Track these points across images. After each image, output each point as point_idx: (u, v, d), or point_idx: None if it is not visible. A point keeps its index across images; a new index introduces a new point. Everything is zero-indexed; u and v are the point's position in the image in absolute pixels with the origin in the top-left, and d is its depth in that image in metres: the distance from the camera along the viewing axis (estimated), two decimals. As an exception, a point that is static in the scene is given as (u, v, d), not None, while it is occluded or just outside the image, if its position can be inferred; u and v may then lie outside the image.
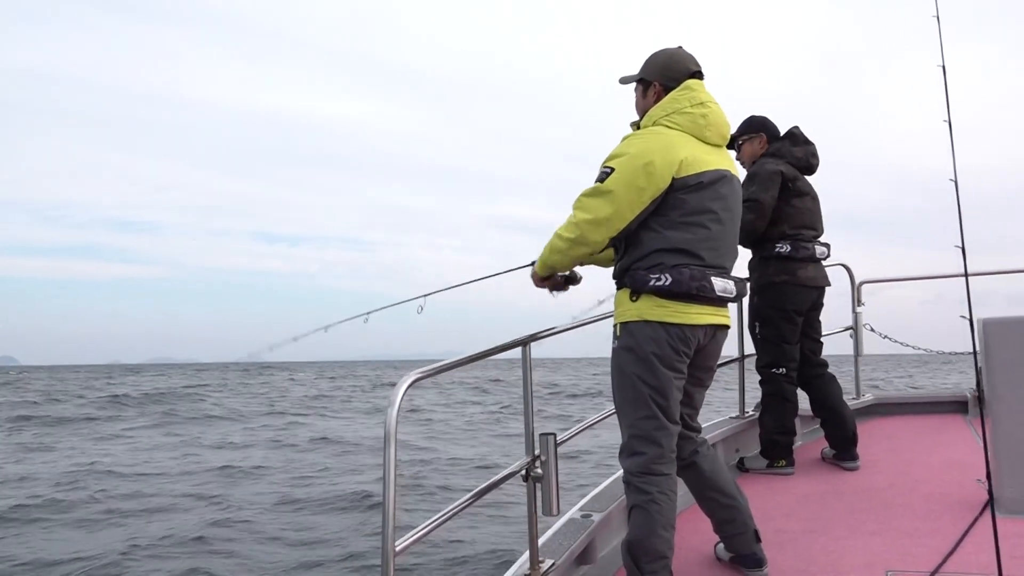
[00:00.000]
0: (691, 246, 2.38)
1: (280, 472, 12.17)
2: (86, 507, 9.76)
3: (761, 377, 4.11)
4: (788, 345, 4.01)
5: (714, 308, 2.45)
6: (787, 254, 3.93)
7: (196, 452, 15.01)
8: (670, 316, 2.37)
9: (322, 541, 7.82)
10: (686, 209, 2.38)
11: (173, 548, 7.58)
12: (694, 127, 2.45)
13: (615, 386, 2.50)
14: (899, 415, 5.23)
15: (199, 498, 10.09)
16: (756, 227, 3.89)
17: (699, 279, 2.36)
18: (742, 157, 4.16)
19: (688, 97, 2.48)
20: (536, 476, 2.52)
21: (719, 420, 4.49)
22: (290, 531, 8.26)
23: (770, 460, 4.08)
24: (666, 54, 2.60)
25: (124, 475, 12.14)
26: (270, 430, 19.26)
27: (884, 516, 3.22)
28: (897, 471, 3.91)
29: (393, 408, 1.88)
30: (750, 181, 3.93)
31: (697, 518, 2.87)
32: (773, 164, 3.94)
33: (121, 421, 22.51)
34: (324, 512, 9.21)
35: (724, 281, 2.44)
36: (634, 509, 2.44)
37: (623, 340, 2.45)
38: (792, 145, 4.04)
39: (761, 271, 4.00)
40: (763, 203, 3.85)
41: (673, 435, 2.46)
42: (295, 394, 35.53)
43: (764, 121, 4.14)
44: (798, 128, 4.10)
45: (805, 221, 3.99)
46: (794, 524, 3.20)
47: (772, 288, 3.97)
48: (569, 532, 2.77)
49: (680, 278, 2.34)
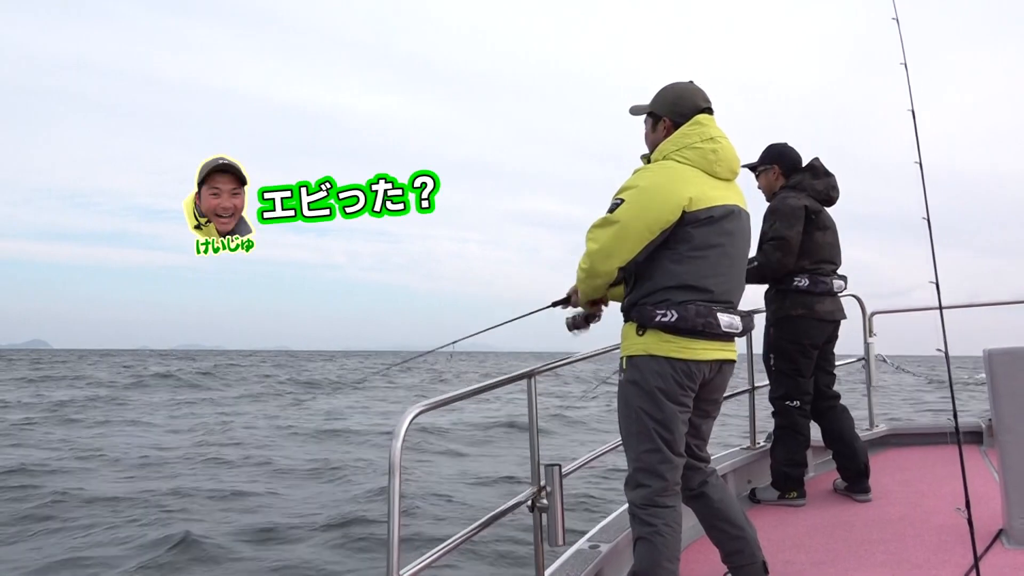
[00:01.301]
0: (698, 281, 2.45)
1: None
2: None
3: (774, 409, 4.16)
4: (802, 378, 4.05)
5: (720, 343, 2.52)
6: (805, 288, 3.97)
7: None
8: (676, 351, 2.44)
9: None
10: (694, 243, 2.45)
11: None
12: (704, 162, 2.52)
13: (621, 418, 2.58)
14: (913, 446, 5.23)
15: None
16: (784, 264, 3.92)
17: (705, 315, 2.43)
18: (760, 187, 4.22)
19: (698, 132, 2.56)
20: (542, 507, 2.60)
21: (730, 451, 4.53)
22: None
23: (782, 492, 4.11)
24: (676, 90, 2.68)
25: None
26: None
27: (894, 548, 3.25)
28: (909, 502, 3.92)
29: (397, 440, 1.95)
30: (772, 216, 3.97)
31: (707, 548, 2.92)
32: (796, 199, 3.97)
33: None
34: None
35: (730, 317, 2.51)
36: (639, 541, 2.50)
37: (629, 374, 2.53)
38: (812, 178, 4.08)
39: (778, 304, 4.05)
40: (790, 240, 3.89)
41: (677, 468, 2.53)
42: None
43: (780, 152, 4.18)
44: (818, 160, 4.14)
45: (824, 255, 4.03)
46: (803, 556, 3.24)
47: (789, 322, 4.01)
48: (577, 563, 2.84)
49: (686, 314, 2.41)
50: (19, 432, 16.44)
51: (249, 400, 26.16)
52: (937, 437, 5.30)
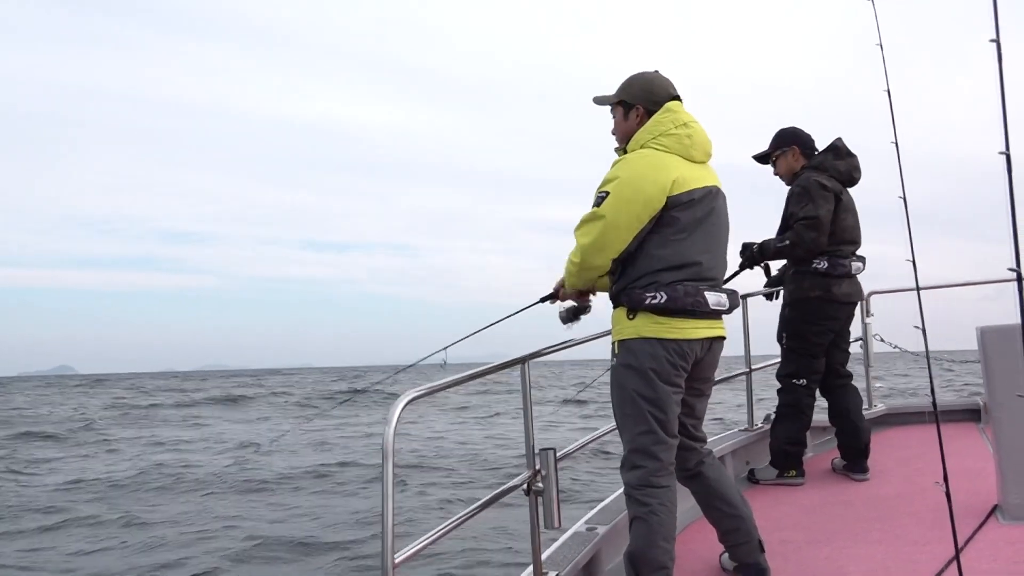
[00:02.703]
0: (684, 261, 2.53)
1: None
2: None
3: (780, 386, 4.21)
4: (813, 359, 4.11)
5: (709, 321, 2.60)
6: (824, 270, 4.01)
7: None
8: (667, 332, 2.51)
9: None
10: (678, 226, 2.53)
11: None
12: (680, 147, 2.60)
13: (615, 402, 2.64)
14: (911, 424, 5.32)
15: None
16: (819, 243, 3.95)
17: (693, 295, 2.51)
18: (779, 172, 4.25)
19: (671, 119, 2.64)
20: (537, 490, 2.66)
21: (729, 432, 4.60)
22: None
23: (780, 470, 4.19)
24: (646, 78, 2.75)
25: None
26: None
27: (890, 525, 3.33)
28: (906, 480, 4.01)
29: (390, 426, 2.00)
30: (801, 197, 3.98)
31: (704, 528, 2.99)
32: (819, 177, 4.00)
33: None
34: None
35: (717, 295, 2.59)
36: (635, 521, 2.57)
37: (622, 357, 2.59)
38: (835, 158, 4.11)
39: (796, 284, 4.09)
40: (822, 219, 3.91)
41: (672, 449, 2.59)
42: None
43: (795, 132, 4.21)
44: (841, 140, 4.17)
45: (846, 236, 4.08)
46: (799, 534, 3.32)
47: (806, 303, 4.06)
48: (574, 545, 2.90)
49: (675, 295, 2.49)
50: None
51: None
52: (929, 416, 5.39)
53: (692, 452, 2.77)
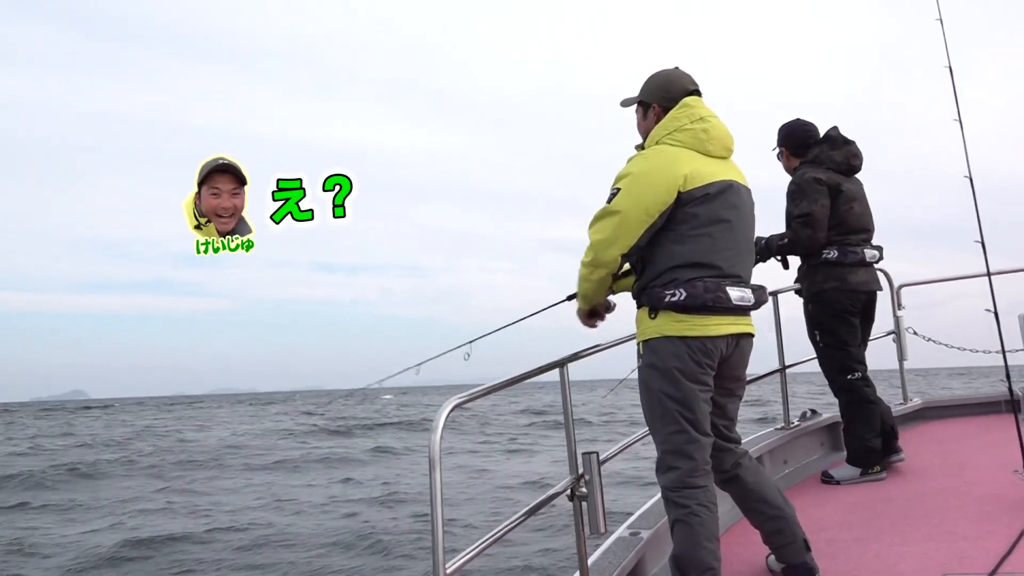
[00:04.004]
0: (704, 258, 2.53)
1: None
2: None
3: (836, 386, 4.17)
4: (853, 348, 4.11)
5: (734, 317, 2.59)
6: (835, 260, 4.03)
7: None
8: (689, 330, 2.51)
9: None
10: (696, 222, 2.53)
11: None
12: (696, 142, 2.61)
13: (644, 404, 2.64)
14: (948, 418, 5.30)
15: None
16: (816, 239, 3.99)
17: (714, 290, 2.50)
18: (784, 169, 4.29)
19: (687, 114, 2.65)
20: (581, 495, 2.66)
21: (765, 432, 4.59)
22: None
23: (864, 467, 4.11)
24: (663, 75, 2.78)
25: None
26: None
27: (937, 520, 3.31)
28: (949, 474, 3.99)
29: (436, 433, 2.01)
30: (795, 195, 4.03)
31: (748, 531, 2.98)
32: (813, 172, 4.04)
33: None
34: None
35: (741, 290, 2.58)
36: (676, 524, 2.55)
37: (646, 358, 2.60)
38: (831, 149, 4.13)
39: (810, 279, 4.11)
40: (815, 215, 3.96)
41: (705, 447, 2.58)
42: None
43: (787, 132, 4.25)
44: (836, 129, 4.18)
45: (852, 225, 4.08)
46: (845, 533, 3.30)
47: (823, 295, 4.07)
48: (618, 550, 2.90)
49: (694, 291, 2.49)
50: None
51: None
52: (972, 408, 5.38)
53: (727, 454, 2.75)
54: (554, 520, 8.33)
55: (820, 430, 4.76)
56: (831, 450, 4.80)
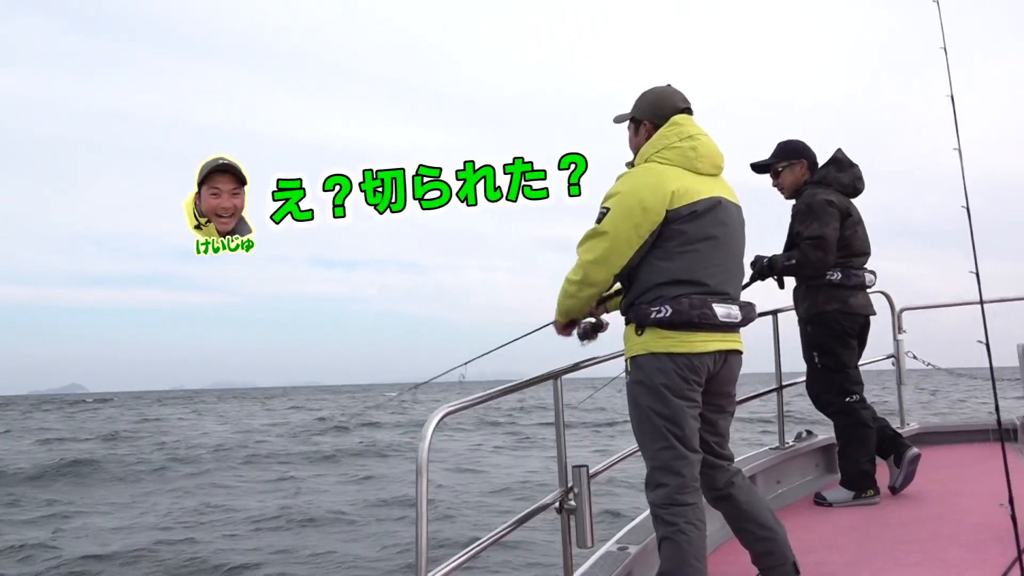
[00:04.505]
0: (691, 275, 2.54)
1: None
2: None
3: (834, 408, 4.17)
4: (852, 370, 4.13)
5: (721, 334, 2.59)
6: (838, 282, 4.04)
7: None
8: (675, 346, 2.52)
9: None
10: (684, 239, 2.55)
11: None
12: (684, 160, 2.63)
13: (632, 420, 2.65)
14: (945, 444, 5.29)
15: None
16: (826, 262, 3.98)
17: (699, 307, 2.51)
18: (781, 184, 4.25)
19: (676, 132, 2.67)
20: (570, 508, 2.66)
21: (759, 451, 4.58)
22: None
23: (858, 491, 4.11)
24: (655, 92, 2.81)
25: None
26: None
27: (929, 547, 3.31)
28: (943, 501, 3.98)
29: (424, 442, 2.02)
30: (805, 216, 4.00)
31: (737, 550, 2.97)
32: (825, 194, 4.03)
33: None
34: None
35: (727, 307, 2.58)
36: (663, 541, 2.55)
37: (634, 374, 2.61)
38: (838, 171, 4.14)
39: (811, 300, 4.10)
40: (827, 239, 3.94)
41: (694, 464, 2.58)
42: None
43: (803, 147, 4.23)
44: (841, 152, 4.20)
45: (856, 248, 4.11)
46: (836, 556, 3.30)
47: (825, 316, 4.07)
48: (605, 565, 2.89)
49: (680, 308, 2.50)
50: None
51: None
52: (970, 435, 5.36)
53: (720, 471, 2.75)
54: (542, 527, 8.37)
55: (815, 451, 4.75)
56: (825, 472, 4.79)
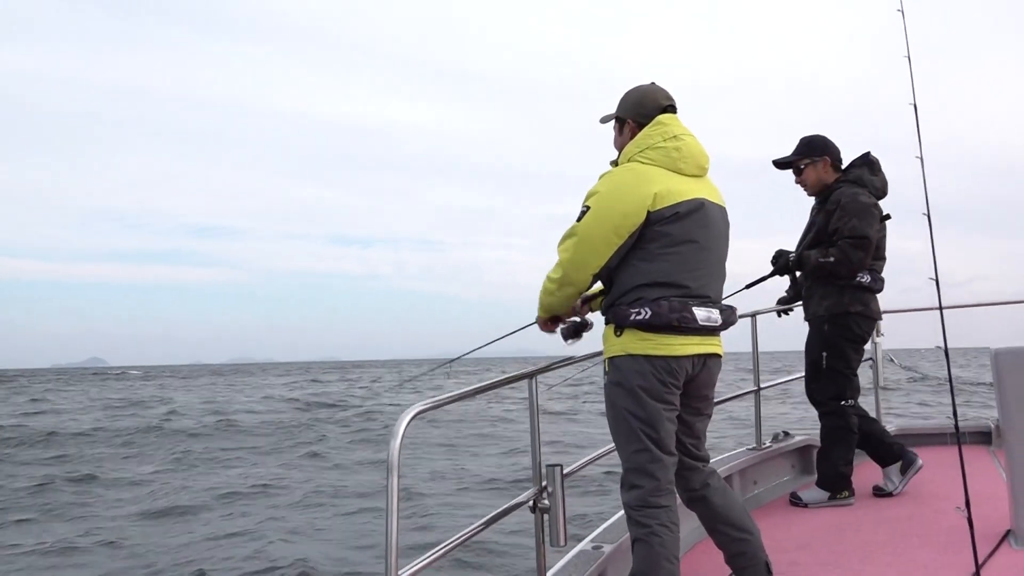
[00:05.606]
0: (671, 277, 2.54)
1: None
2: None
3: (826, 409, 4.22)
4: (855, 376, 4.18)
5: (700, 337, 2.60)
6: (867, 284, 4.07)
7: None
8: (653, 349, 2.53)
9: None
10: (666, 241, 2.55)
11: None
12: (668, 160, 2.62)
13: (609, 421, 2.67)
14: (921, 446, 5.37)
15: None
16: (865, 264, 4.00)
17: (679, 310, 2.51)
18: (804, 181, 4.23)
19: (660, 132, 2.66)
20: (543, 507, 2.69)
21: (735, 452, 4.64)
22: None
23: (833, 492, 4.18)
24: (639, 91, 2.81)
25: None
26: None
27: (901, 548, 3.37)
28: (917, 503, 4.05)
29: (396, 440, 2.03)
30: (845, 213, 3.98)
31: (711, 549, 3.02)
32: (866, 196, 4.04)
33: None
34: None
35: (707, 311, 2.59)
36: (636, 543, 2.58)
37: (612, 375, 2.62)
38: (871, 173, 4.16)
39: (836, 299, 4.09)
40: (871, 239, 3.96)
41: (668, 467, 2.61)
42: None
43: (827, 142, 4.22)
44: (871, 154, 4.21)
45: (881, 252, 4.16)
46: (808, 556, 3.36)
47: (847, 318, 4.08)
48: (579, 563, 2.93)
49: (659, 310, 2.50)
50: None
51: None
52: (945, 437, 5.45)
53: (695, 472, 2.79)
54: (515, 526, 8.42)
55: (791, 452, 4.82)
56: (801, 473, 4.86)
